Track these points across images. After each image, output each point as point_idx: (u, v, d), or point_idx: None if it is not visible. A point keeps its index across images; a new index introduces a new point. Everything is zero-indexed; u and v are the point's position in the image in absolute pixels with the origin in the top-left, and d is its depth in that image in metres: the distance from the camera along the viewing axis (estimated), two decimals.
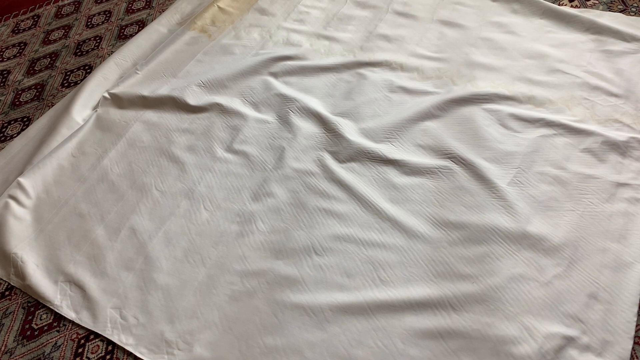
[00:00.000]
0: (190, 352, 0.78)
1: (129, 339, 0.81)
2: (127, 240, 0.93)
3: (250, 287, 0.83)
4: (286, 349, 0.76)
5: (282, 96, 1.13)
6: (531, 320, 0.73)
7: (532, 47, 1.13)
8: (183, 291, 0.85)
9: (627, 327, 0.71)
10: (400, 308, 0.77)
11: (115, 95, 1.21)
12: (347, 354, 0.74)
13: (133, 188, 1.02)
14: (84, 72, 1.36)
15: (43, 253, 0.94)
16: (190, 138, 1.08)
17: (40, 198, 1.03)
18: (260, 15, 1.39)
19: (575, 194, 0.86)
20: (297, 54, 1.23)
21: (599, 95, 1.01)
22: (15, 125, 1.25)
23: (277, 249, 0.87)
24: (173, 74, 1.26)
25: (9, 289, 0.92)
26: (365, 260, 0.83)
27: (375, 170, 0.96)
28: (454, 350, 0.72)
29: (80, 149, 1.11)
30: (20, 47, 1.48)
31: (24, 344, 0.84)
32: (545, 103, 1.01)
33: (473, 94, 1.04)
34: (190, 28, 1.38)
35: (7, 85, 1.36)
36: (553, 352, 0.70)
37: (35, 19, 1.58)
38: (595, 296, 0.74)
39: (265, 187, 0.96)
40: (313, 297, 0.80)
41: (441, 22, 1.24)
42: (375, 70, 1.15)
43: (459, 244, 0.83)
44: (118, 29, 1.48)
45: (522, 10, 1.23)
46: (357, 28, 1.28)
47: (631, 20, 1.15)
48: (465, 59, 1.14)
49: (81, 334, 0.84)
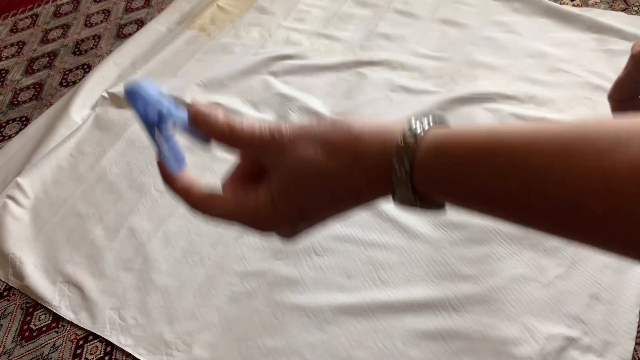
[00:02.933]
0: (190, 353, 0.77)
1: (128, 340, 0.81)
2: (125, 240, 0.93)
3: (250, 287, 0.83)
4: (286, 349, 0.75)
5: (281, 95, 1.12)
6: (532, 321, 0.73)
7: (534, 46, 1.13)
8: (182, 292, 0.84)
9: (629, 328, 0.71)
10: (401, 309, 0.77)
11: (114, 94, 1.21)
12: (347, 354, 0.74)
13: (132, 188, 1.01)
14: (83, 71, 1.35)
15: (41, 253, 0.94)
16: None
17: (38, 198, 1.03)
18: (260, 14, 1.38)
19: None
20: (297, 53, 1.23)
21: (601, 94, 1.00)
22: (14, 125, 1.24)
23: (277, 249, 0.87)
24: (172, 73, 1.25)
25: (7, 289, 0.91)
26: (365, 260, 0.83)
27: None
28: (455, 351, 0.72)
29: (78, 148, 1.11)
30: (19, 46, 1.48)
31: (23, 344, 0.84)
32: (546, 102, 1.01)
33: (474, 93, 1.03)
34: (189, 27, 1.38)
35: (6, 85, 1.35)
36: (554, 353, 0.69)
37: (34, 18, 1.57)
38: (596, 297, 0.74)
39: None
40: (313, 297, 0.80)
41: (442, 21, 1.24)
42: (376, 69, 1.15)
43: (460, 245, 0.82)
44: (117, 28, 1.47)
45: (524, 9, 1.22)
46: (357, 27, 1.28)
47: (633, 19, 1.14)
48: (466, 58, 1.13)
49: (80, 334, 0.83)
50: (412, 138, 0.26)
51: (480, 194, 0.25)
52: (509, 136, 0.24)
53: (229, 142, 0.31)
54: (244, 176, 0.33)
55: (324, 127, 0.28)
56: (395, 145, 0.26)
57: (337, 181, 0.28)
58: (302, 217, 0.30)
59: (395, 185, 0.27)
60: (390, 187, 0.27)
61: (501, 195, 0.24)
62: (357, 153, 0.27)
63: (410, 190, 0.26)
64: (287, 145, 0.28)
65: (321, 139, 0.28)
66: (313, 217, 0.30)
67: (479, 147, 0.24)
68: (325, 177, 0.28)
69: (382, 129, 0.27)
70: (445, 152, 0.25)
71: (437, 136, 0.26)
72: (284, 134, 0.29)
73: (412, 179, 0.26)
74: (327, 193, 0.28)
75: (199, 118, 0.31)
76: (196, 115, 0.31)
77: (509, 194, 0.23)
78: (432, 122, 0.27)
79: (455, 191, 0.26)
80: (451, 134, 0.26)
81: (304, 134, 0.28)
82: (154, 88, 0.29)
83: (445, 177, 0.25)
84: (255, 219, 0.30)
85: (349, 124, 0.28)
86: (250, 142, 0.30)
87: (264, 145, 0.29)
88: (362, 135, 0.27)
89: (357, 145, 0.27)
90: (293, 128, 0.29)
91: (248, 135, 0.29)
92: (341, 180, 0.28)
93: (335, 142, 0.28)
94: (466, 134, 0.25)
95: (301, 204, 0.29)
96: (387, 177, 0.27)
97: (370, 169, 0.27)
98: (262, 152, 0.30)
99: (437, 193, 0.27)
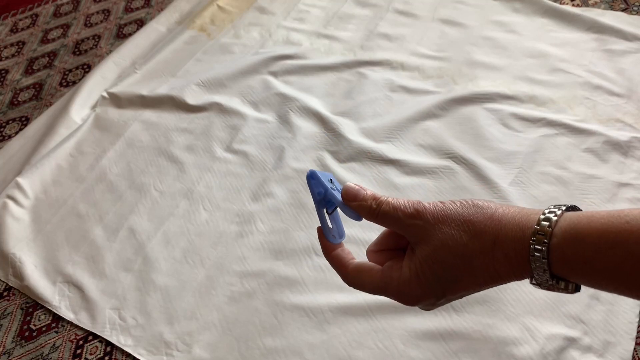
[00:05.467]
0: (190, 353, 0.77)
1: (128, 340, 0.80)
2: (125, 240, 0.93)
3: (250, 288, 0.83)
4: (286, 350, 0.75)
5: (281, 95, 1.12)
6: (532, 321, 0.72)
7: (534, 46, 1.13)
8: (182, 292, 0.84)
9: (629, 328, 0.71)
10: (401, 309, 0.76)
11: (114, 94, 1.21)
12: (347, 355, 0.74)
13: (132, 188, 1.01)
14: (83, 71, 1.35)
15: (41, 253, 0.94)
16: (189, 138, 1.08)
17: (38, 198, 1.03)
18: (259, 14, 1.38)
19: (577, 194, 0.86)
20: (297, 53, 1.22)
21: (601, 94, 1.00)
22: (14, 125, 1.24)
23: (277, 249, 0.87)
24: (172, 73, 1.25)
25: (7, 289, 0.91)
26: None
27: (375, 170, 0.95)
28: (455, 352, 0.72)
29: (78, 148, 1.11)
30: (19, 46, 1.48)
31: (23, 344, 0.84)
32: (546, 102, 1.01)
33: (474, 93, 1.03)
34: (189, 27, 1.37)
35: (5, 85, 1.35)
36: (554, 353, 0.69)
37: (34, 18, 1.57)
38: (596, 297, 0.74)
39: (265, 187, 0.96)
40: (313, 298, 0.80)
41: (442, 21, 1.24)
42: (376, 69, 1.15)
43: None
44: (117, 28, 1.47)
45: (524, 9, 1.22)
46: (357, 27, 1.27)
47: (633, 19, 1.14)
48: (466, 58, 1.13)
49: (80, 335, 0.83)
50: (547, 222, 0.28)
51: (614, 276, 0.27)
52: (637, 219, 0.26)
53: (376, 216, 0.34)
54: (388, 247, 0.37)
55: (467, 210, 0.31)
56: (532, 230, 0.29)
57: (478, 261, 0.30)
58: (444, 293, 0.32)
59: (534, 268, 0.29)
60: (528, 270, 0.29)
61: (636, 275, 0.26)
62: (498, 237, 0.30)
63: (547, 272, 0.28)
64: (431, 224, 0.31)
65: (464, 221, 0.30)
66: (454, 293, 0.32)
67: (610, 231, 0.27)
68: (468, 258, 0.30)
69: (520, 215, 0.30)
70: (578, 236, 0.28)
71: (571, 220, 0.28)
72: (428, 211, 0.32)
73: (548, 263, 0.28)
74: (468, 273, 0.31)
75: (350, 195, 0.35)
76: (347, 194, 0.35)
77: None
78: (564, 209, 0.30)
79: (590, 274, 0.28)
80: (584, 216, 0.28)
81: (447, 215, 0.31)
82: (326, 177, 0.36)
83: (581, 261, 0.27)
84: (399, 292, 0.33)
85: (492, 209, 0.31)
86: (396, 217, 0.33)
87: (409, 221, 0.32)
88: (502, 220, 0.30)
89: (498, 230, 0.30)
90: (436, 206, 0.32)
91: (393, 210, 0.33)
92: (482, 261, 0.30)
93: (478, 225, 0.30)
94: (596, 218, 0.28)
95: (444, 282, 0.31)
96: (525, 260, 0.29)
97: (510, 252, 0.29)
98: (406, 228, 0.32)
99: (572, 275, 0.28)
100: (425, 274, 0.31)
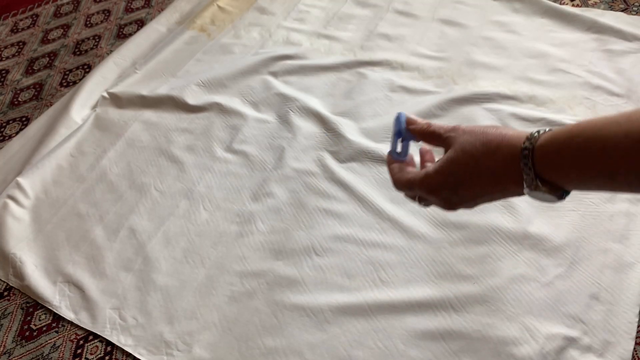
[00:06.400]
0: (190, 353, 0.77)
1: (128, 340, 0.81)
2: (126, 240, 0.93)
3: (250, 287, 0.83)
4: (286, 350, 0.75)
5: (281, 95, 1.12)
6: (532, 321, 0.73)
7: (534, 46, 1.13)
8: (182, 292, 0.84)
9: (629, 328, 0.71)
10: (401, 309, 0.77)
11: (114, 94, 1.21)
12: (347, 355, 0.74)
13: (132, 188, 1.01)
14: (83, 71, 1.35)
15: (42, 253, 0.94)
16: (190, 138, 1.08)
17: (39, 198, 1.03)
18: (260, 14, 1.38)
19: (576, 194, 0.86)
20: (297, 53, 1.23)
21: (601, 94, 1.00)
22: (14, 125, 1.24)
23: (277, 249, 0.87)
24: (172, 73, 1.25)
25: (8, 289, 0.92)
26: (365, 260, 0.83)
27: (375, 170, 0.95)
28: (455, 351, 0.72)
29: (79, 148, 1.11)
30: (19, 46, 1.48)
31: (23, 344, 0.84)
32: (546, 102, 1.01)
33: (474, 94, 1.03)
34: (189, 27, 1.38)
35: (6, 85, 1.36)
36: (554, 353, 0.69)
37: (34, 18, 1.57)
38: (596, 297, 0.74)
39: (265, 187, 0.96)
40: (313, 297, 0.80)
41: (442, 21, 1.24)
42: (376, 69, 1.15)
43: (460, 245, 0.82)
44: (117, 28, 1.48)
45: (523, 10, 1.22)
46: (357, 27, 1.28)
47: (633, 20, 1.14)
48: (466, 58, 1.13)
49: (80, 334, 0.83)
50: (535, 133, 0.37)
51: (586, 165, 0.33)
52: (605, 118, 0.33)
53: (428, 134, 0.46)
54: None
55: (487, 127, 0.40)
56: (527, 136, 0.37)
57: (483, 162, 0.39)
58: (456, 186, 0.41)
59: (522, 168, 0.36)
60: (520, 171, 0.36)
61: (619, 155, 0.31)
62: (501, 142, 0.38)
63: (532, 170, 0.35)
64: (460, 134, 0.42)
65: (481, 132, 0.40)
66: (466, 189, 0.41)
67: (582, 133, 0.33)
68: (476, 159, 0.39)
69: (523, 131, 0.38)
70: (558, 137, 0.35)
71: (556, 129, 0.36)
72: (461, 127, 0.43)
73: (533, 162, 0.35)
74: (476, 172, 0.39)
75: (411, 121, 0.48)
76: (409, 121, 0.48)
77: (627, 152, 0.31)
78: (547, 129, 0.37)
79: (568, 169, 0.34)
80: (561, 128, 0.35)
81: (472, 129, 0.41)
82: (404, 117, 0.49)
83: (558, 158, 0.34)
84: (422, 182, 0.44)
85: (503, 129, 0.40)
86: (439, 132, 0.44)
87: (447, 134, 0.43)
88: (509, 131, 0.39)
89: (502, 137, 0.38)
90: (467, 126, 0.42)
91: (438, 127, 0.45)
92: (486, 162, 0.39)
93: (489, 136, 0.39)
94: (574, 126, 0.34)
95: (457, 176, 0.41)
96: (518, 159, 0.36)
97: (507, 155, 0.37)
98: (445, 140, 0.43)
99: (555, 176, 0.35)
100: (444, 169, 0.42)
